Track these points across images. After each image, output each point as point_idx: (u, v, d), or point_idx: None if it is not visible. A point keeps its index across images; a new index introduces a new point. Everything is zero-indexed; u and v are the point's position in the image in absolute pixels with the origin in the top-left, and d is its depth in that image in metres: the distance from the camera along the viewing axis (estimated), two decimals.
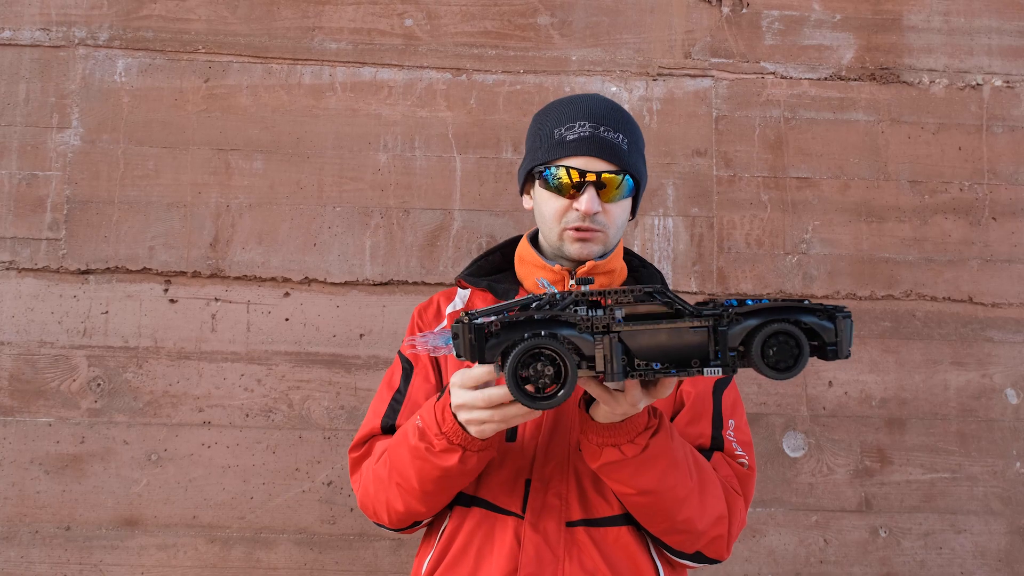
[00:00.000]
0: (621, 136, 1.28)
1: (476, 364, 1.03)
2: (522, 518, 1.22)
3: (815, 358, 0.99)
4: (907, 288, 2.16)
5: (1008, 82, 2.23)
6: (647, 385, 1.04)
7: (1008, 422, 2.12)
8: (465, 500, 1.26)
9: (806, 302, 0.99)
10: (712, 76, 2.21)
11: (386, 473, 1.23)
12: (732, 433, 1.31)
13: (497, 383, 1.07)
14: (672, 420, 1.30)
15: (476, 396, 1.06)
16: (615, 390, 1.04)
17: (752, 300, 0.99)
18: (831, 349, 0.98)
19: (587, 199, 1.25)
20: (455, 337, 0.98)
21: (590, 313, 0.99)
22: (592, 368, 0.98)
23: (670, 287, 2.11)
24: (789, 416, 2.11)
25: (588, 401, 1.15)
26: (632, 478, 1.14)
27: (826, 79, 2.22)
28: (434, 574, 1.26)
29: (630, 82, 2.19)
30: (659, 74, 2.20)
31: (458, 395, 1.08)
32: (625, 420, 1.10)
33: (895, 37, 2.24)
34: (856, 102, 2.21)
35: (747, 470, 1.30)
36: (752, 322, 0.97)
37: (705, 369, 0.97)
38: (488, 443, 1.14)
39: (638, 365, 0.98)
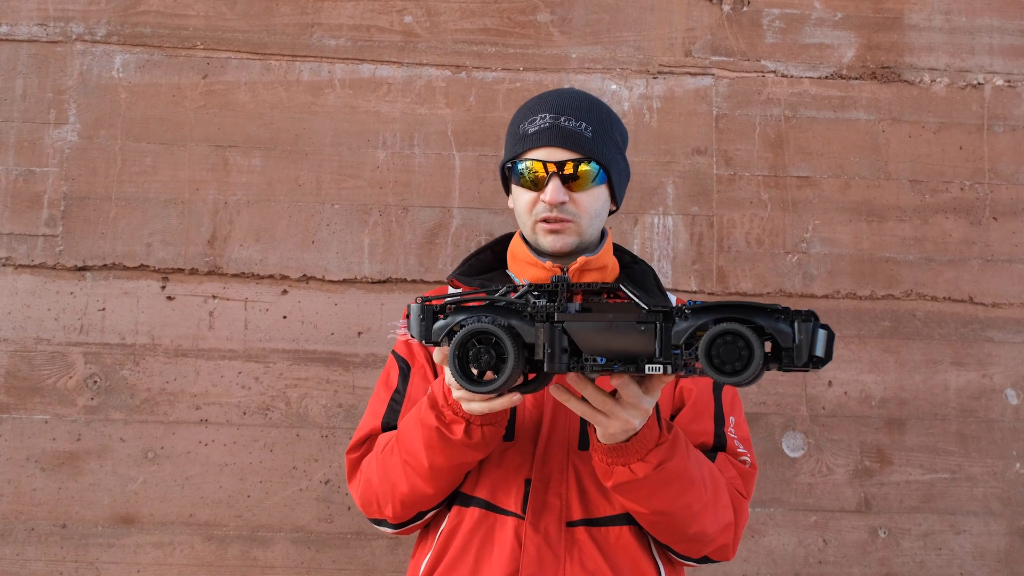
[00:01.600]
0: (584, 124, 1.27)
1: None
2: (522, 518, 1.21)
3: (777, 368, 0.90)
4: (907, 288, 2.15)
5: (1009, 81, 2.23)
6: (640, 382, 1.02)
7: (1008, 423, 2.12)
8: (463, 499, 1.24)
9: (773, 306, 0.90)
10: (712, 74, 2.20)
11: (394, 457, 1.22)
12: (733, 430, 1.31)
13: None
14: (672, 419, 1.30)
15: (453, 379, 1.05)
16: (604, 407, 1.01)
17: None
18: (786, 353, 0.89)
19: (550, 189, 1.25)
20: (407, 316, 1.00)
21: (535, 302, 0.97)
22: (532, 357, 0.96)
23: (667, 285, 2.11)
24: (788, 416, 2.10)
25: None
26: (647, 500, 1.12)
27: (827, 78, 2.21)
28: (432, 575, 1.25)
29: (630, 80, 2.18)
30: (659, 72, 2.19)
31: (448, 375, 1.08)
32: (633, 439, 1.07)
33: (896, 36, 2.23)
34: (857, 101, 2.21)
35: (750, 468, 1.30)
36: (700, 320, 0.91)
37: (648, 366, 0.93)
38: (490, 417, 1.11)
39: (585, 359, 0.95)
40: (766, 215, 2.16)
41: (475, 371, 0.97)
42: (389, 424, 1.32)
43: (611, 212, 1.37)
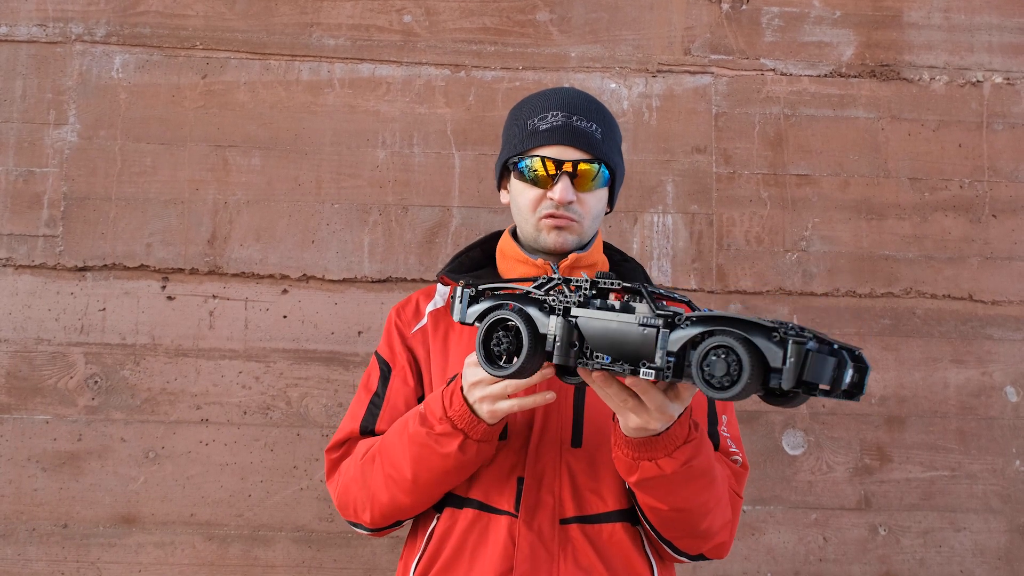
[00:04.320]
0: (594, 125, 1.28)
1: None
2: (516, 516, 1.21)
3: (762, 395, 0.87)
4: (907, 285, 2.15)
5: (1008, 79, 2.23)
6: (668, 389, 1.01)
7: (1008, 420, 2.12)
8: (457, 501, 1.24)
9: (773, 321, 0.85)
10: (712, 73, 2.20)
11: (375, 467, 1.22)
12: (725, 429, 1.31)
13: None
14: None
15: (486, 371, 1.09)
16: (625, 406, 1.02)
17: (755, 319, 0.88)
18: (774, 376, 0.83)
19: (561, 188, 1.24)
20: (451, 297, 1.09)
21: (552, 295, 1.01)
22: (545, 348, 1.00)
23: (667, 284, 2.11)
24: (788, 414, 2.10)
25: None
26: (668, 496, 1.12)
27: (826, 76, 2.21)
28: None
29: (629, 79, 2.18)
30: (659, 71, 2.19)
31: (472, 373, 1.11)
32: (663, 434, 1.07)
33: (895, 34, 2.23)
34: (856, 99, 2.21)
35: (741, 468, 1.30)
36: (697, 329, 0.89)
37: (642, 370, 0.91)
38: (489, 434, 1.13)
39: (593, 355, 0.96)
40: (766, 213, 2.17)
41: (498, 357, 1.03)
42: (367, 427, 1.32)
43: (605, 214, 1.37)
